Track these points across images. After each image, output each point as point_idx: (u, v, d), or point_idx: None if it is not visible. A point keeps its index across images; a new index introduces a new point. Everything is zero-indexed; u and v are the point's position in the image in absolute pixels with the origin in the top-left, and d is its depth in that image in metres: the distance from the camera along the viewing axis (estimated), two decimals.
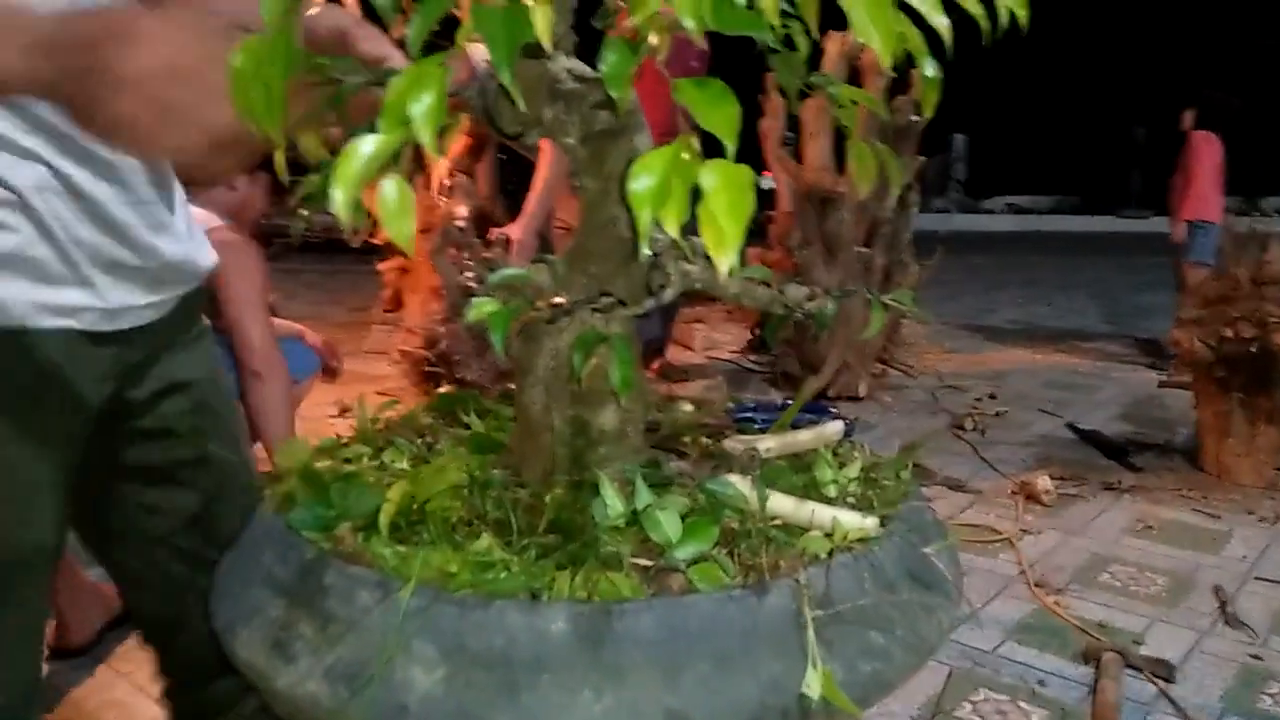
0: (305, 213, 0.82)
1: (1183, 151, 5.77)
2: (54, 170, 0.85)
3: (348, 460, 0.90)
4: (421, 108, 0.58)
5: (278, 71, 0.61)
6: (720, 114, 0.57)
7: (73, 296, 0.88)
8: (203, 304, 1.11)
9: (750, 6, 0.59)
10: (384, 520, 0.74)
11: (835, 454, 0.94)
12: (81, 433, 0.94)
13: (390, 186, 0.60)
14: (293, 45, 0.61)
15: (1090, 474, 3.60)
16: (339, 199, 0.58)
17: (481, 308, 0.75)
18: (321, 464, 0.88)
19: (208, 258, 1.06)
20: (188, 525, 1.07)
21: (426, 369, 3.74)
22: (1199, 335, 3.44)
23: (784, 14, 0.66)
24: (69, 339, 0.89)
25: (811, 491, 0.86)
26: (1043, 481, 3.32)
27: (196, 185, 0.66)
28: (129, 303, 0.94)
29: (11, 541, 0.89)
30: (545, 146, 3.36)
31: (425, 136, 0.58)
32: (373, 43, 0.74)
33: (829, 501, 0.84)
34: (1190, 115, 5.74)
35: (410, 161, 0.65)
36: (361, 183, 0.59)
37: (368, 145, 0.59)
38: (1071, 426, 4.25)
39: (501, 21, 0.59)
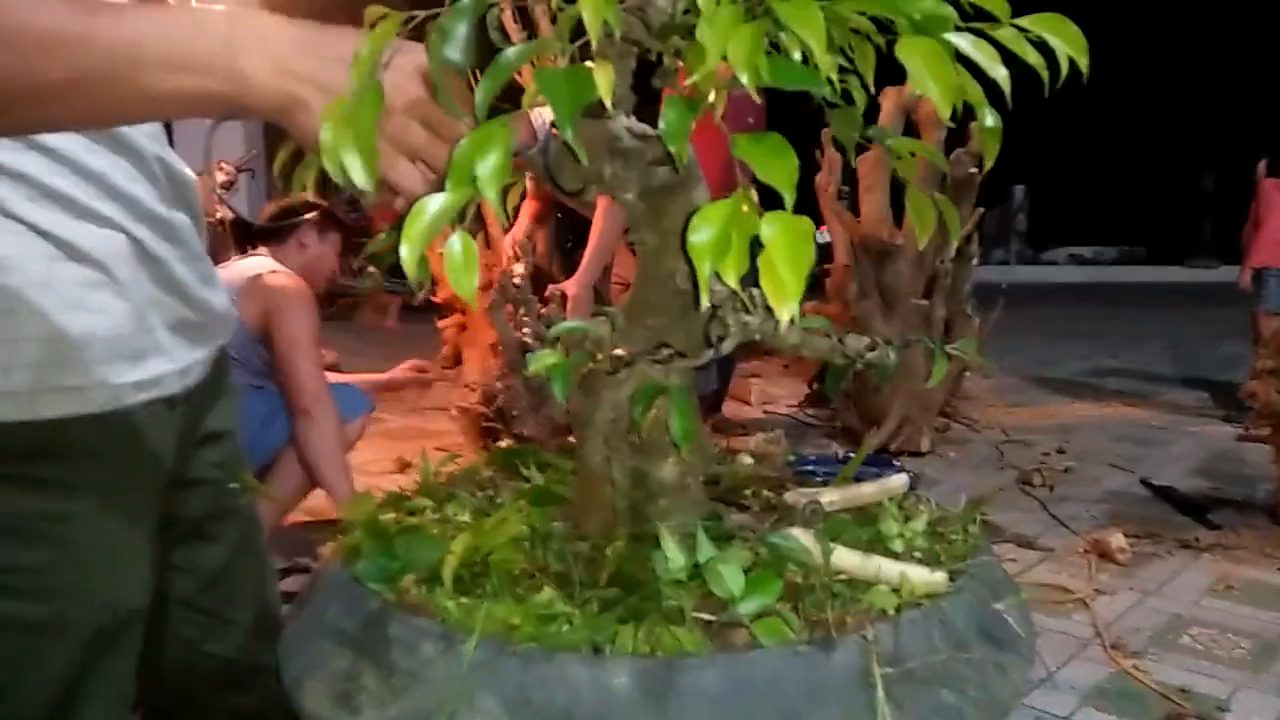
0: (372, 270, 0.84)
1: (1254, 199, 5.66)
2: (129, 236, 0.87)
3: (411, 513, 0.91)
4: (487, 167, 0.60)
5: (365, 134, 0.64)
6: (778, 167, 0.58)
7: (156, 365, 0.90)
8: (227, 356, 1.11)
9: (806, 62, 0.60)
10: (447, 572, 0.75)
11: (900, 507, 0.93)
12: (159, 495, 0.96)
13: (456, 242, 0.61)
14: (379, 105, 0.64)
15: (1166, 532, 3.47)
16: (407, 255, 0.60)
17: (543, 360, 0.76)
18: (386, 516, 0.89)
19: (234, 306, 1.08)
20: (209, 584, 1.06)
21: (484, 424, 3.78)
22: (1276, 386, 3.33)
23: (841, 69, 0.66)
24: (152, 408, 0.91)
25: (877, 545, 0.85)
26: (1116, 539, 3.21)
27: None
28: (192, 360, 0.96)
29: (117, 605, 0.90)
30: (601, 204, 3.41)
31: (490, 194, 0.60)
32: None
33: (895, 556, 0.83)
34: (1263, 164, 5.64)
35: (472, 220, 0.67)
36: (428, 239, 0.61)
37: (435, 203, 0.61)
38: (1145, 482, 4.11)
39: (564, 82, 0.61)
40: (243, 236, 2.84)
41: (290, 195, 2.72)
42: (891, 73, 0.67)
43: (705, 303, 0.60)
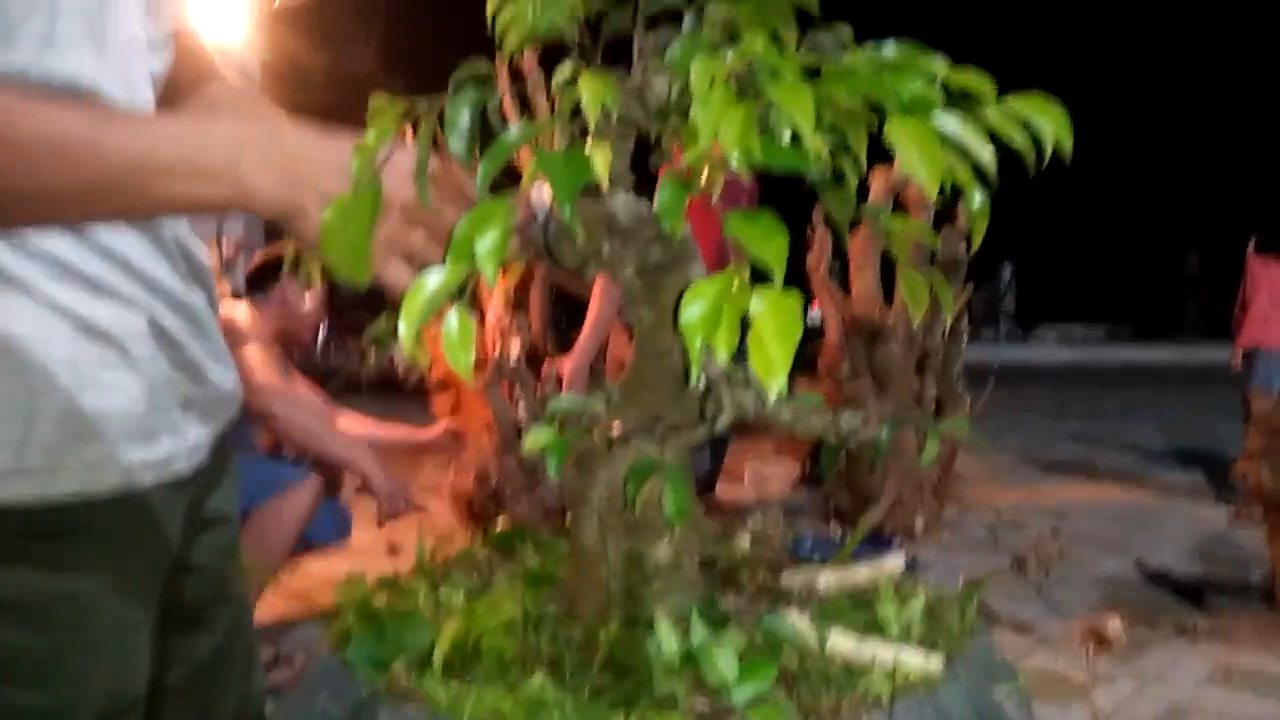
0: (371, 355, 0.85)
1: (1243, 279, 5.74)
2: (149, 316, 0.87)
3: (405, 595, 0.89)
4: (486, 244, 0.61)
5: (364, 226, 0.65)
6: (769, 245, 0.59)
7: (166, 445, 0.88)
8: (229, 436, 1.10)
9: (796, 142, 0.61)
10: (438, 657, 0.73)
11: (897, 590, 0.92)
12: (163, 579, 0.94)
13: (453, 319, 0.62)
14: (378, 202, 0.65)
15: (1162, 616, 3.42)
16: (405, 332, 0.61)
17: (539, 437, 0.75)
18: (379, 598, 0.87)
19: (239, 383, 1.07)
20: (200, 673, 1.02)
21: (477, 505, 3.74)
22: (1267, 468, 3.32)
23: (833, 150, 0.68)
24: (162, 489, 0.89)
25: (873, 629, 0.83)
26: (1113, 625, 3.15)
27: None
28: (199, 440, 0.95)
29: (119, 693, 0.87)
30: (598, 284, 3.44)
31: (489, 271, 0.60)
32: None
33: (892, 639, 0.81)
34: (1253, 242, 5.73)
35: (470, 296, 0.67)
36: (426, 316, 0.61)
37: (434, 279, 0.61)
38: (1140, 565, 4.08)
39: (563, 164, 0.62)
40: None
41: (275, 248, 2.75)
42: (881, 151, 0.68)
43: (696, 377, 0.60)
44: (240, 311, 2.62)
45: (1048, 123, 0.65)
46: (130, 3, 0.86)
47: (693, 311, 0.59)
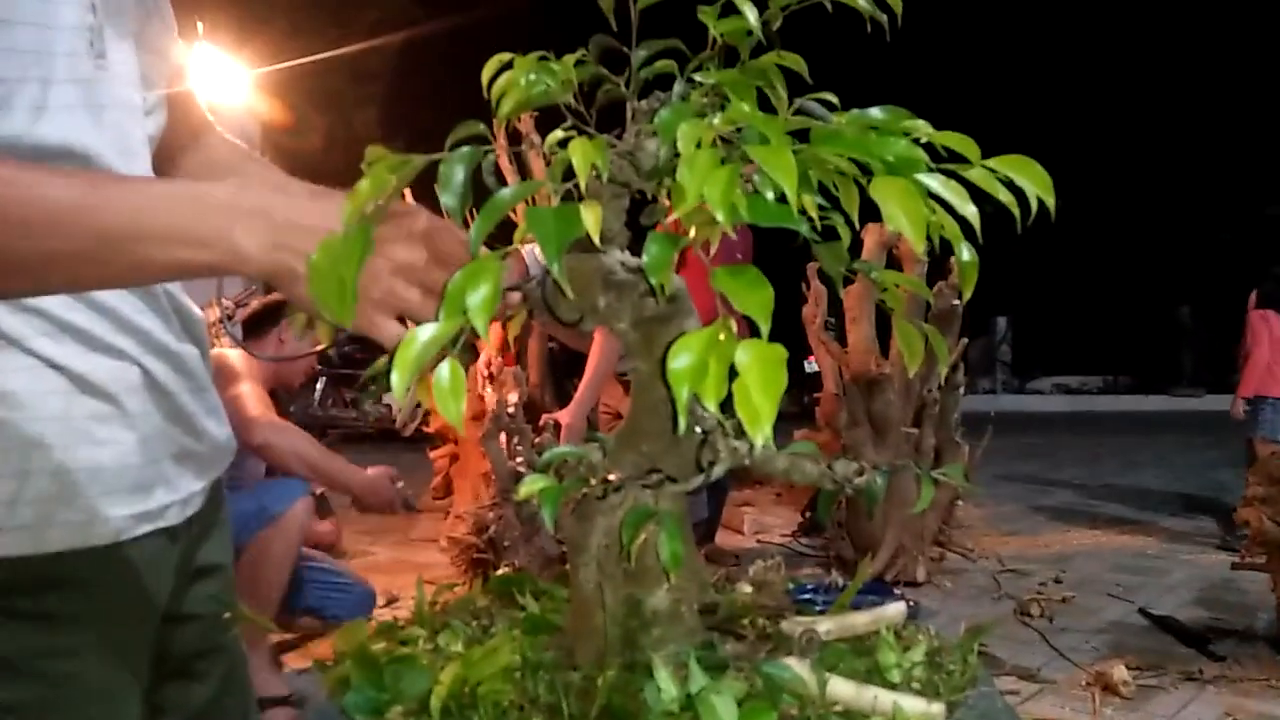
0: (368, 405, 0.86)
1: (1244, 330, 5.81)
2: (141, 368, 0.88)
3: (404, 643, 0.89)
4: (478, 298, 0.63)
5: (351, 268, 0.67)
6: (755, 298, 0.61)
7: (160, 497, 0.89)
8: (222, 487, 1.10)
9: (783, 201, 0.64)
10: (435, 705, 0.73)
11: (899, 637, 0.92)
12: (154, 630, 0.93)
13: (444, 369, 0.64)
14: (367, 245, 0.67)
15: (1169, 663, 3.40)
16: (397, 382, 0.62)
17: (533, 484, 0.76)
18: (378, 646, 0.87)
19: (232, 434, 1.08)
20: None
21: (475, 555, 3.72)
22: (1269, 514, 3.32)
23: (824, 206, 0.70)
24: (154, 540, 0.89)
25: (874, 676, 0.84)
26: (1119, 671, 3.14)
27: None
28: (192, 490, 0.95)
29: None
30: (596, 337, 3.46)
31: (480, 324, 0.62)
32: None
33: (892, 686, 0.81)
34: (1254, 295, 5.80)
35: (465, 350, 0.69)
36: (419, 367, 0.63)
37: (426, 332, 0.63)
38: (1144, 612, 4.05)
39: (552, 220, 0.64)
40: None
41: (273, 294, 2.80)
42: (875, 210, 0.70)
43: (683, 426, 0.62)
44: (233, 353, 2.66)
45: (1029, 182, 0.68)
46: (124, 69, 0.89)
47: (680, 362, 0.61)
